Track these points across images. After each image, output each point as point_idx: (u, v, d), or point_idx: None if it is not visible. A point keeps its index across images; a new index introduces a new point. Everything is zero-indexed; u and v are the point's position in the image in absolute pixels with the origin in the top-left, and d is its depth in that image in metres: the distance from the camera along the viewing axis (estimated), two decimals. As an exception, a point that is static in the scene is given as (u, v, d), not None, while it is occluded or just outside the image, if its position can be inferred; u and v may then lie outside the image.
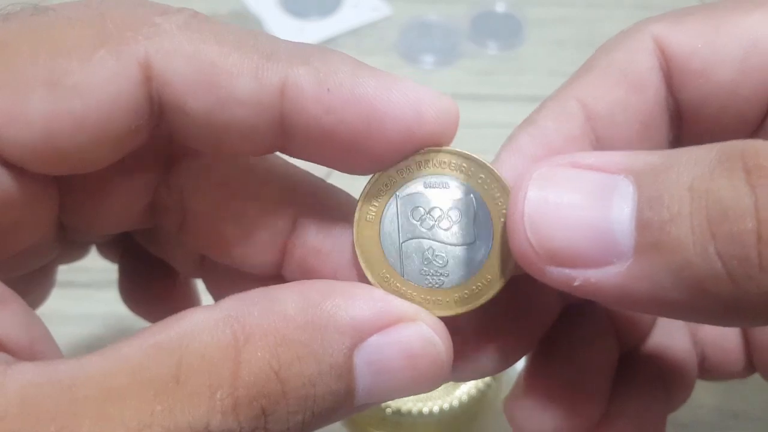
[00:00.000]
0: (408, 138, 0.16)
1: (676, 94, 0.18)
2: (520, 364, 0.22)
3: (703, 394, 0.31)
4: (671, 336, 0.21)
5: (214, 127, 0.15)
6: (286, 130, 0.16)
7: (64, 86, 0.14)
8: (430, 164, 0.16)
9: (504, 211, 0.16)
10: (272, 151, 0.17)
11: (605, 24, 0.46)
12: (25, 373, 0.13)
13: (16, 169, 0.15)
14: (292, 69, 0.15)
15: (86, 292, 0.33)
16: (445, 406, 0.26)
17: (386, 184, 0.16)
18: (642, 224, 0.14)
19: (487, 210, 0.16)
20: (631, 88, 0.18)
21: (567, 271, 0.15)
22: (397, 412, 0.26)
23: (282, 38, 0.16)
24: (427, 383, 0.15)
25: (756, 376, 0.31)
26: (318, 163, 0.17)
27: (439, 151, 0.16)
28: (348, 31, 0.45)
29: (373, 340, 0.15)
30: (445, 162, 0.16)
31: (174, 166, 0.18)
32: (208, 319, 0.14)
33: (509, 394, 0.20)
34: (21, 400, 0.13)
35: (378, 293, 0.15)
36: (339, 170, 0.17)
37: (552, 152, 0.17)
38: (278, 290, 0.15)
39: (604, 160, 0.15)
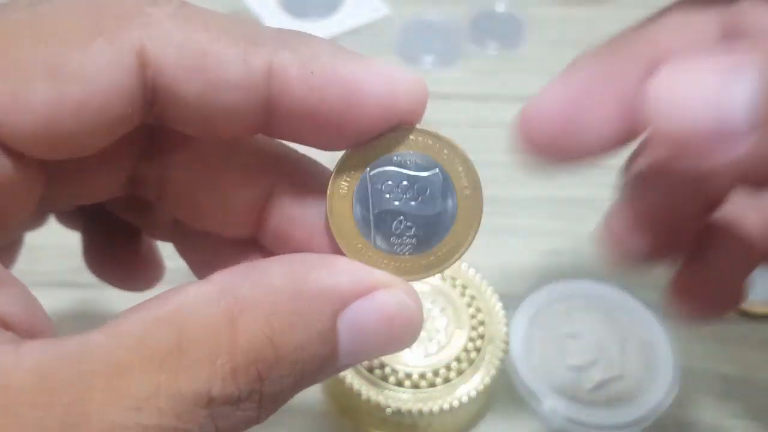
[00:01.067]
0: (384, 114, 0.17)
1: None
2: (517, 361, 0.22)
3: (704, 394, 0.31)
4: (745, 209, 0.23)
5: (204, 110, 0.16)
6: (271, 111, 0.16)
7: (65, 74, 0.15)
8: (400, 142, 0.17)
9: (465, 184, 0.18)
10: (256, 133, 0.17)
11: (605, 24, 0.46)
12: (35, 350, 0.14)
13: (15, 154, 0.16)
14: (278, 53, 0.16)
15: (89, 292, 0.33)
16: (446, 406, 0.26)
17: (358, 160, 0.17)
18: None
19: (452, 183, 0.17)
20: None
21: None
22: (398, 412, 0.26)
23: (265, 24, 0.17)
24: (401, 342, 0.17)
25: (755, 378, 0.31)
26: (298, 143, 0.18)
27: (407, 130, 0.17)
28: (348, 31, 0.45)
29: (354, 306, 0.16)
30: (412, 139, 0.17)
31: (156, 143, 0.19)
32: (204, 293, 0.15)
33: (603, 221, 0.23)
34: (36, 374, 0.13)
35: (357, 265, 0.17)
36: (317, 147, 0.18)
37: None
38: (266, 264, 0.16)
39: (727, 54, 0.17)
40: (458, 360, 0.27)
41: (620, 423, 0.29)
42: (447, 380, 0.27)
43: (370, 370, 0.27)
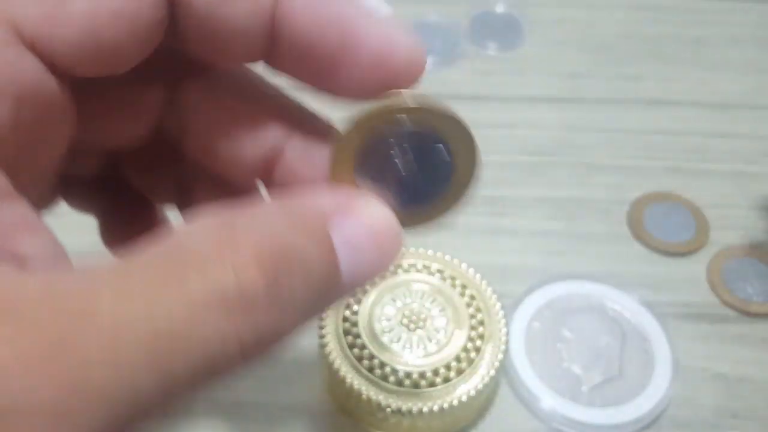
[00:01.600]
0: (377, 66, 0.17)
1: None
2: (517, 361, 0.22)
3: (703, 393, 0.31)
4: None
5: (214, 23, 0.17)
6: (275, 37, 0.17)
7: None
8: (405, 107, 0.18)
9: (462, 151, 0.19)
10: (260, 59, 0.18)
11: (604, 25, 0.46)
12: (40, 272, 0.14)
13: (58, 72, 0.16)
14: None
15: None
16: (445, 405, 0.26)
17: (366, 120, 0.18)
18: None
19: (450, 148, 0.18)
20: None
21: None
22: (398, 412, 0.26)
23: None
24: (389, 256, 0.17)
25: (754, 377, 0.31)
26: (297, 79, 0.19)
27: (413, 96, 0.18)
28: (348, 31, 0.45)
29: (344, 222, 0.17)
30: (416, 107, 0.18)
31: (177, 87, 0.19)
32: (202, 223, 0.15)
33: None
34: (42, 285, 0.14)
35: (341, 189, 0.18)
36: (314, 86, 0.19)
37: None
38: (256, 202, 0.16)
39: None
40: (458, 360, 0.27)
41: (619, 423, 0.29)
42: (447, 380, 0.27)
43: (371, 369, 0.27)
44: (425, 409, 0.26)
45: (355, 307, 0.28)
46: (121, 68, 0.17)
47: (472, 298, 0.29)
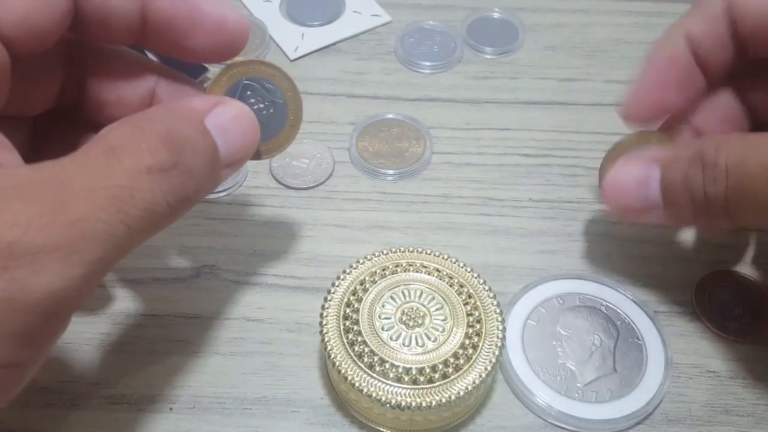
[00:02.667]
0: (216, 36, 0.26)
1: (740, 32, 0.30)
2: (513, 357, 0.23)
3: (695, 390, 0.31)
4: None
5: (104, 12, 0.24)
6: (144, 20, 0.25)
7: None
8: (254, 69, 0.28)
9: (290, 95, 0.29)
10: (133, 40, 0.26)
11: (598, 30, 0.47)
12: (23, 166, 0.21)
13: (7, 43, 0.22)
14: None
15: (99, 291, 0.33)
16: (443, 400, 0.27)
17: (227, 77, 0.28)
18: (665, 191, 0.29)
19: (284, 98, 0.29)
20: (710, 24, 0.31)
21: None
22: (397, 407, 0.27)
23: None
24: (250, 137, 0.25)
25: (745, 374, 0.32)
26: (159, 51, 0.27)
27: (259, 62, 0.28)
28: (349, 37, 0.45)
29: (214, 114, 0.24)
30: (262, 68, 0.28)
31: (73, 64, 0.27)
32: (116, 126, 0.22)
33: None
34: (29, 171, 0.20)
35: (210, 96, 0.26)
36: (180, 58, 0.27)
37: (668, 59, 0.32)
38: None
39: (646, 156, 0.30)
40: (455, 356, 0.28)
41: (612, 418, 0.30)
42: (445, 376, 0.27)
43: (371, 366, 0.27)
44: (423, 405, 0.26)
45: (356, 306, 0.29)
46: (44, 47, 0.23)
47: (469, 296, 0.29)
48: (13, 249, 0.18)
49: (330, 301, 0.29)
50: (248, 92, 0.28)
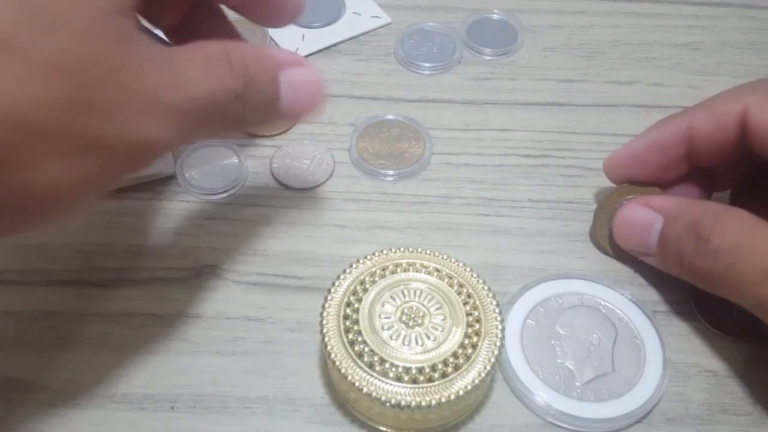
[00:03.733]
0: (296, 7, 0.31)
1: (751, 143, 0.31)
2: (512, 357, 0.23)
3: (693, 389, 0.31)
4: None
5: None
6: None
7: None
8: None
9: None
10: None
11: (597, 31, 0.47)
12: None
13: None
14: None
15: (101, 291, 0.34)
16: (443, 399, 0.27)
17: None
18: (661, 240, 0.32)
19: None
20: (718, 128, 0.32)
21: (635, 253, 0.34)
22: (396, 406, 0.27)
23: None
24: (314, 100, 0.28)
25: (744, 373, 0.32)
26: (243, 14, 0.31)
27: None
28: (349, 38, 0.46)
29: (290, 70, 0.27)
30: None
31: None
32: (215, 41, 0.25)
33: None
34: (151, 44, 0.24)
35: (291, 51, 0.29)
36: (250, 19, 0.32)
37: (663, 143, 0.34)
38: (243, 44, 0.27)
39: (657, 203, 0.33)
40: (455, 356, 0.28)
41: (611, 417, 0.30)
42: (444, 375, 0.27)
43: (371, 366, 0.27)
44: (423, 404, 0.27)
45: (356, 305, 0.29)
46: None
47: (469, 296, 0.29)
48: (156, 98, 0.22)
49: (330, 300, 0.29)
50: None
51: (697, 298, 0.34)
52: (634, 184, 0.35)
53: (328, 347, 0.28)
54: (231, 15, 0.32)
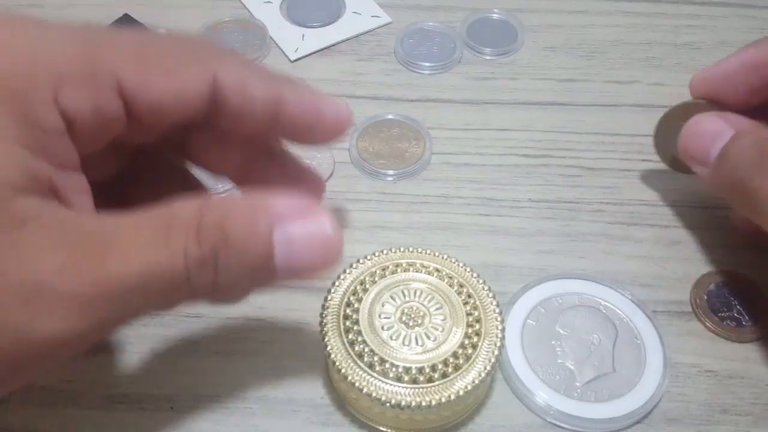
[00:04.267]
0: (332, 126, 0.28)
1: None
2: (512, 357, 0.23)
3: (693, 389, 0.31)
4: None
5: (244, 114, 0.26)
6: (274, 119, 0.26)
7: (174, 74, 0.24)
8: None
9: None
10: (270, 130, 0.27)
11: (597, 30, 0.47)
12: (87, 213, 0.23)
13: (134, 117, 0.24)
14: (284, 87, 0.26)
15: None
16: (443, 399, 0.27)
17: None
18: (723, 152, 0.31)
19: None
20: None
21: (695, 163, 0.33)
22: (396, 406, 0.27)
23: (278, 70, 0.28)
24: (323, 264, 0.24)
25: (744, 373, 0.32)
26: (292, 140, 0.29)
27: None
28: (349, 37, 0.46)
29: (291, 224, 0.23)
30: None
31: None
32: (187, 202, 0.23)
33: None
34: (88, 219, 0.22)
35: (297, 201, 0.24)
36: (303, 143, 0.29)
37: (759, 63, 0.32)
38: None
39: (732, 119, 0.32)
40: (455, 356, 0.28)
41: (611, 417, 0.30)
42: (444, 375, 0.27)
43: (371, 366, 0.27)
44: (423, 404, 0.27)
45: (356, 305, 0.29)
46: (164, 122, 0.25)
47: (469, 296, 0.29)
48: (39, 287, 0.20)
49: (330, 300, 0.29)
50: None
51: (697, 298, 0.34)
52: (707, 104, 0.34)
53: (328, 347, 0.28)
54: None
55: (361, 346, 0.28)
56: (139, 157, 0.28)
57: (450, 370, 0.27)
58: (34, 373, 0.22)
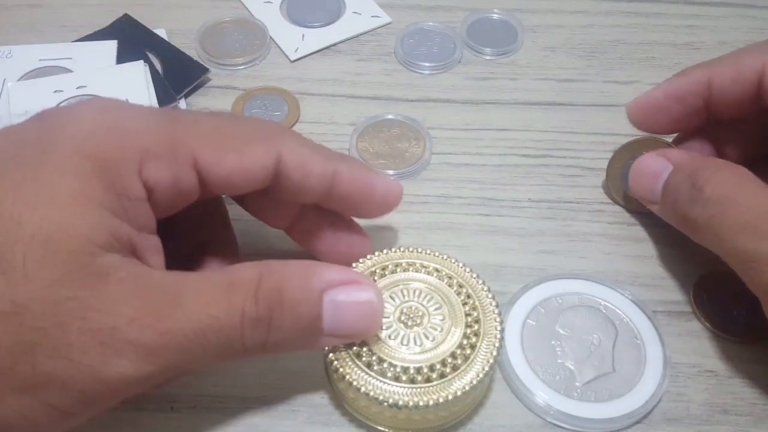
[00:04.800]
0: (382, 202, 0.31)
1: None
2: (512, 357, 0.23)
3: (693, 389, 0.31)
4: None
5: (304, 186, 0.29)
6: (330, 192, 0.29)
7: (243, 152, 0.27)
8: None
9: None
10: (323, 200, 0.30)
11: (597, 31, 0.47)
12: (160, 270, 0.26)
13: (205, 187, 0.27)
14: (340, 163, 0.29)
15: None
16: (441, 399, 0.27)
17: None
18: (665, 187, 0.33)
19: None
20: (736, 83, 0.32)
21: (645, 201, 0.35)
22: (395, 406, 0.27)
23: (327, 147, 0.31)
24: (365, 329, 0.27)
25: (744, 374, 0.32)
26: (340, 211, 0.31)
27: None
28: (349, 37, 0.46)
29: (341, 291, 0.26)
30: None
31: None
32: (247, 265, 0.26)
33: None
34: (162, 277, 0.25)
35: (348, 269, 0.27)
36: (352, 215, 0.32)
37: (683, 93, 0.34)
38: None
39: (672, 155, 0.33)
40: (453, 356, 0.28)
41: (611, 417, 0.30)
42: (442, 375, 0.27)
43: (369, 365, 0.27)
44: (421, 404, 0.27)
45: (355, 305, 0.29)
46: (232, 193, 0.29)
47: (468, 296, 0.29)
48: (113, 333, 0.22)
49: (329, 300, 0.29)
50: None
51: (697, 298, 0.34)
52: (651, 139, 0.36)
53: (327, 347, 0.28)
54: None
55: (360, 345, 0.28)
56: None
57: (448, 370, 0.27)
58: (103, 408, 0.24)
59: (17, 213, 0.22)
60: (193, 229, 0.31)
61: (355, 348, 0.28)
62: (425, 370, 0.27)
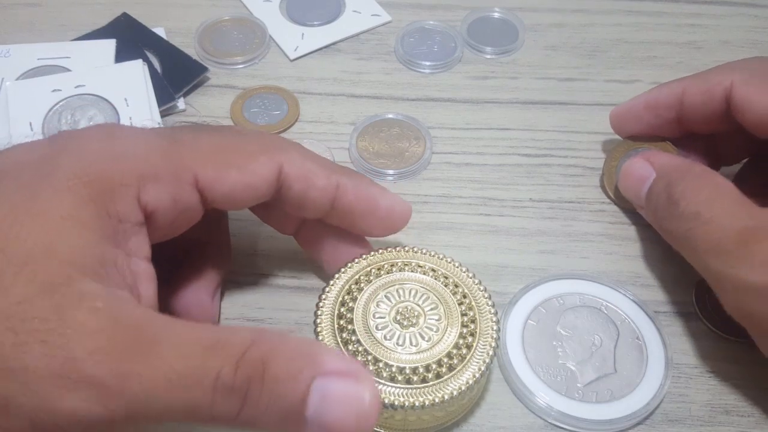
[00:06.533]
0: (386, 218, 0.31)
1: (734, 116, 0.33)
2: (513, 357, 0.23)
3: (695, 390, 0.31)
4: None
5: (303, 200, 0.29)
6: (333, 206, 0.30)
7: (245, 168, 0.27)
8: None
9: None
10: (325, 215, 0.30)
11: (598, 30, 0.46)
12: (151, 310, 0.24)
13: (207, 204, 0.27)
14: (343, 177, 0.29)
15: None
16: (437, 400, 0.26)
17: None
18: (647, 195, 0.33)
19: None
20: (706, 99, 0.34)
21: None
22: (390, 406, 0.26)
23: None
24: (348, 424, 0.22)
25: (746, 374, 0.31)
26: (343, 227, 0.31)
27: None
28: (349, 36, 0.45)
29: (334, 380, 0.22)
30: None
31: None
32: (239, 330, 0.23)
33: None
34: (154, 317, 0.23)
35: (347, 358, 0.24)
36: (355, 231, 0.31)
37: (657, 104, 0.36)
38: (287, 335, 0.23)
39: (658, 159, 0.34)
40: (449, 356, 0.27)
41: (613, 418, 0.30)
42: (438, 376, 0.27)
43: (364, 365, 0.27)
44: (417, 404, 0.26)
45: (351, 305, 0.29)
46: (233, 209, 0.30)
47: (464, 296, 0.29)
48: (72, 365, 0.21)
49: (325, 300, 0.29)
50: None
51: (699, 298, 0.33)
52: (644, 137, 0.37)
53: (323, 347, 0.28)
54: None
55: (355, 345, 0.28)
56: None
57: (444, 370, 0.27)
58: None
59: (7, 228, 0.22)
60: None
61: (350, 348, 0.28)
62: (421, 371, 0.27)
